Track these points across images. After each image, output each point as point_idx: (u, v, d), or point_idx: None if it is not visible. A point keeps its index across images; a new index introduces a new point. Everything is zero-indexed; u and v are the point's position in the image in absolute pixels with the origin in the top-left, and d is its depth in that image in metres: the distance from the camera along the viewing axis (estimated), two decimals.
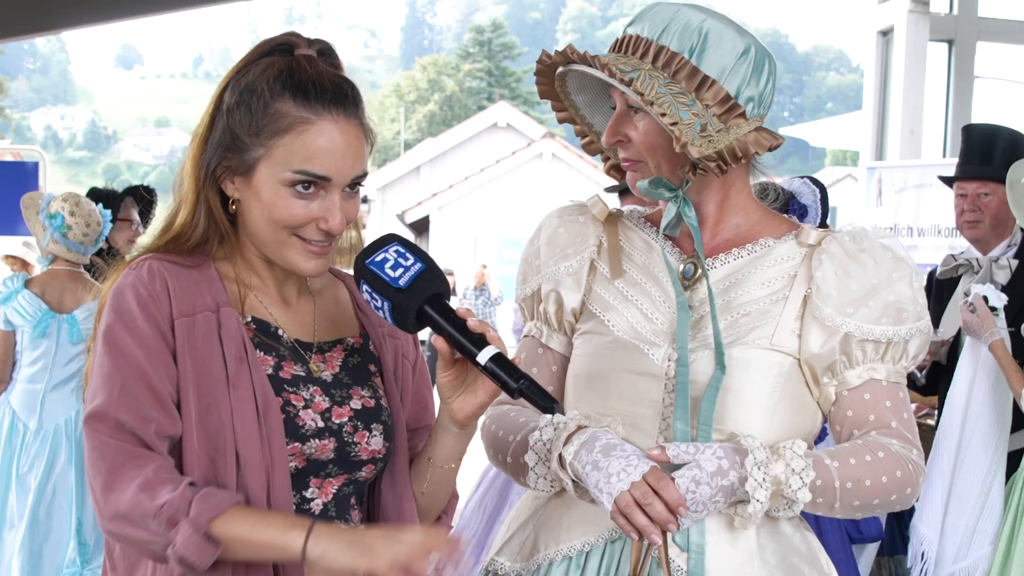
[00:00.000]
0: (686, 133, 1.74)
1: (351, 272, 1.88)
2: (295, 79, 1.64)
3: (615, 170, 1.97)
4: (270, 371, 1.65)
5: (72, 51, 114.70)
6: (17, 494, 4.52)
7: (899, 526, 4.26)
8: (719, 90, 1.78)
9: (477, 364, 1.60)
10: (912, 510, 3.98)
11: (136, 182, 6.22)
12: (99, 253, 4.93)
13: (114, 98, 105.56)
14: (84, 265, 4.77)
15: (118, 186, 5.86)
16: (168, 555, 1.50)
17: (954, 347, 4.11)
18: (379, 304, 1.62)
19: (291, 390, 1.66)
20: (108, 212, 4.80)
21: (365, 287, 1.63)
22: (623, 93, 1.82)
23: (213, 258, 1.70)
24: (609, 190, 4.06)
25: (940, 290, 4.26)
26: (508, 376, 1.58)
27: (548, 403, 1.59)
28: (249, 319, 1.68)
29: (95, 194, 5.24)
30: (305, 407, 1.66)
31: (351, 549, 1.47)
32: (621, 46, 1.85)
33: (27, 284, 4.59)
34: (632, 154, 1.87)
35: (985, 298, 3.66)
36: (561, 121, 2.00)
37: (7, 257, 7.77)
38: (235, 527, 1.50)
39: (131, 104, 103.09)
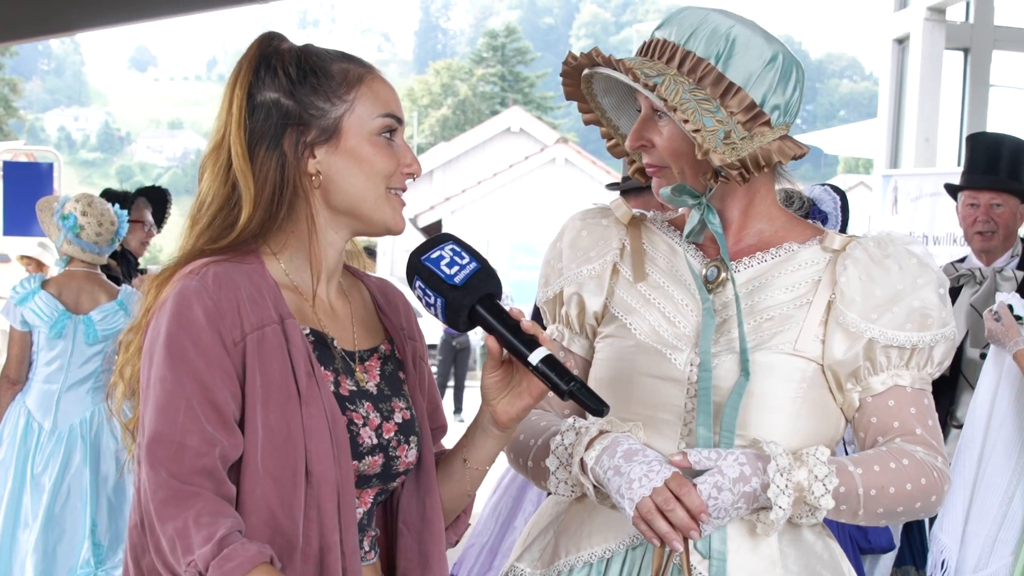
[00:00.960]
0: (709, 140, 1.73)
1: (366, 272, 1.88)
2: (325, 48, 1.69)
3: (640, 173, 1.96)
4: (332, 388, 1.63)
5: (86, 53, 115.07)
6: (31, 494, 4.51)
7: (907, 537, 4.22)
8: (744, 97, 1.77)
9: (528, 365, 1.60)
10: (922, 522, 3.96)
11: (149, 184, 6.24)
12: (112, 255, 4.93)
13: (128, 100, 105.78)
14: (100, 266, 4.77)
15: (131, 188, 5.87)
16: None
17: (957, 357, 4.09)
18: (432, 301, 1.63)
19: (352, 408, 1.65)
20: (124, 212, 4.79)
21: (419, 283, 1.63)
22: (648, 97, 1.81)
23: (261, 254, 1.66)
24: (610, 187, 4.01)
25: None
26: (559, 378, 1.59)
27: (599, 406, 1.60)
28: (307, 331, 1.64)
29: (108, 196, 5.26)
30: (364, 425, 1.65)
31: None
32: (648, 50, 1.84)
33: (44, 285, 4.58)
34: (656, 159, 1.85)
35: (1010, 307, 3.64)
36: (587, 123, 1.98)
37: (22, 257, 7.79)
38: None
39: (144, 106, 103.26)
